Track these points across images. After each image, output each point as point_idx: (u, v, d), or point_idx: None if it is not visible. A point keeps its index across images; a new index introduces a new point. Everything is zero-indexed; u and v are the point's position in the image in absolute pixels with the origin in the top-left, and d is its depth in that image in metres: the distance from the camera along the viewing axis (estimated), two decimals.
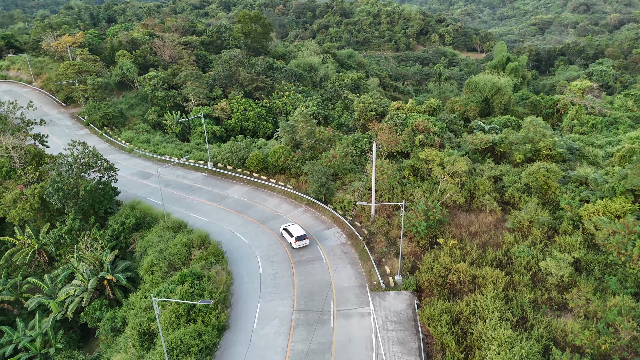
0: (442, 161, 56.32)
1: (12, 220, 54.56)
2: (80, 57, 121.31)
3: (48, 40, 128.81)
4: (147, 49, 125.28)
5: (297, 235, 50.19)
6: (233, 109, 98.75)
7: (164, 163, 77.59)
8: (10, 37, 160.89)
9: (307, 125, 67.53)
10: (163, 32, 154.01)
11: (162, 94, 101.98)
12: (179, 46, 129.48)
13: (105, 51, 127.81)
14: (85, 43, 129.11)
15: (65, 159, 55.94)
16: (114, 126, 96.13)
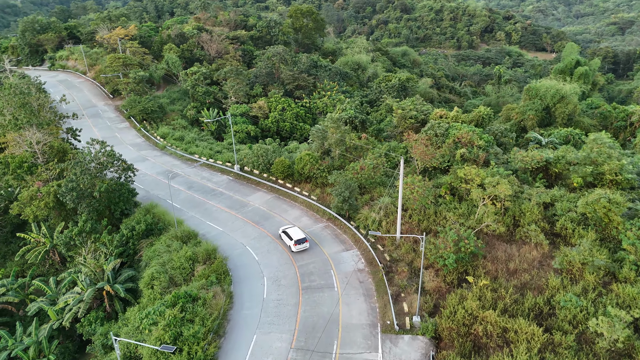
0: (483, 181, 49.29)
1: (26, 218, 53.71)
2: (130, 50, 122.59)
3: (102, 33, 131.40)
4: (194, 43, 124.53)
5: (296, 239, 48.37)
6: (271, 108, 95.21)
7: (193, 163, 75.20)
8: (72, 28, 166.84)
9: (337, 131, 62.33)
10: (214, 26, 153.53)
11: (202, 90, 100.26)
12: (226, 41, 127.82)
13: (155, 44, 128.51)
14: (137, 36, 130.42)
15: (82, 157, 54.35)
16: (152, 121, 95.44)
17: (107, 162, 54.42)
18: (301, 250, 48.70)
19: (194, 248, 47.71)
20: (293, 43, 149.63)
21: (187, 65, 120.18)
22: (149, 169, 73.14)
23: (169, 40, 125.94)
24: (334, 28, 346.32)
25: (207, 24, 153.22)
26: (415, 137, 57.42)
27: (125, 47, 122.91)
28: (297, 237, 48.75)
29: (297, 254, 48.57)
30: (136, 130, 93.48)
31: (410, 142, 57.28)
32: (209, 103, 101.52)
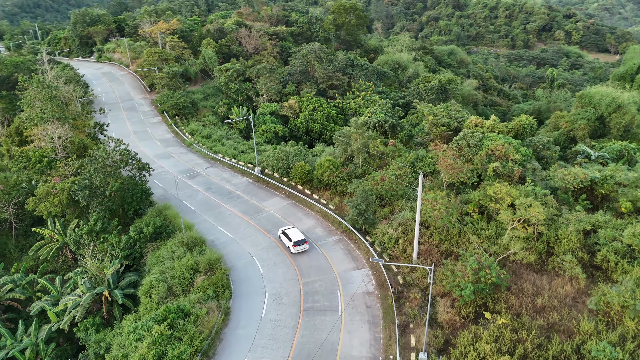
0: (514, 202, 44.26)
1: (40, 214, 53.66)
2: (169, 44, 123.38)
3: (145, 26, 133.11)
4: (232, 39, 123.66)
5: (295, 240, 47.58)
6: (302, 108, 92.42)
7: (216, 163, 73.65)
8: (121, 21, 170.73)
9: (360, 137, 58.60)
10: (256, 21, 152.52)
11: (235, 87, 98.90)
12: (264, 37, 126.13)
13: (194, 39, 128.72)
14: (178, 30, 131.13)
15: (97, 155, 53.65)
16: (183, 116, 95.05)
17: (121, 160, 53.39)
18: (300, 251, 47.81)
19: (198, 256, 45.65)
20: (334, 40, 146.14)
21: (224, 61, 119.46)
22: (172, 167, 72.22)
23: (207, 35, 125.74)
24: (382, 24, 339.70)
25: (249, 19, 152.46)
26: (443, 147, 52.73)
27: (165, 42, 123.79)
28: (297, 238, 47.69)
29: (305, 269, 45.53)
30: (167, 125, 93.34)
31: (437, 153, 52.69)
32: (241, 100, 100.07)
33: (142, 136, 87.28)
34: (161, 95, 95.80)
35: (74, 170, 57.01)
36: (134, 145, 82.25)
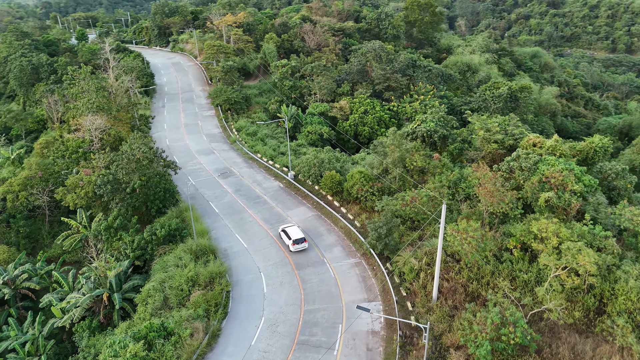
0: (560, 243, 37.04)
1: (66, 205, 54.30)
2: (233, 37, 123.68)
3: (213, 18, 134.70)
4: (295, 34, 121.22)
5: (294, 238, 47.26)
6: (353, 110, 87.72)
7: (253, 163, 71.44)
8: (198, 13, 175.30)
9: (397, 148, 53.09)
10: (324, 16, 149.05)
11: (289, 84, 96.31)
12: (328, 33, 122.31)
13: (258, 33, 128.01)
14: (244, 24, 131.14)
15: (123, 150, 53.17)
16: (235, 112, 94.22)
17: (145, 158, 52.42)
18: (300, 250, 47.39)
19: (200, 268, 43.20)
20: (403, 37, 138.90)
21: (284, 57, 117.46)
22: (209, 164, 71.02)
23: (271, 30, 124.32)
24: (466, 21, 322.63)
25: (317, 13, 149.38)
26: (484, 170, 45.80)
27: (230, 35, 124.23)
28: (296, 236, 47.45)
29: (311, 294, 41.49)
30: (218, 120, 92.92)
31: (477, 175, 45.88)
32: (294, 98, 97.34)
33: (191, 129, 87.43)
34: (215, 89, 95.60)
35: (105, 163, 57.15)
36: (181, 138, 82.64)
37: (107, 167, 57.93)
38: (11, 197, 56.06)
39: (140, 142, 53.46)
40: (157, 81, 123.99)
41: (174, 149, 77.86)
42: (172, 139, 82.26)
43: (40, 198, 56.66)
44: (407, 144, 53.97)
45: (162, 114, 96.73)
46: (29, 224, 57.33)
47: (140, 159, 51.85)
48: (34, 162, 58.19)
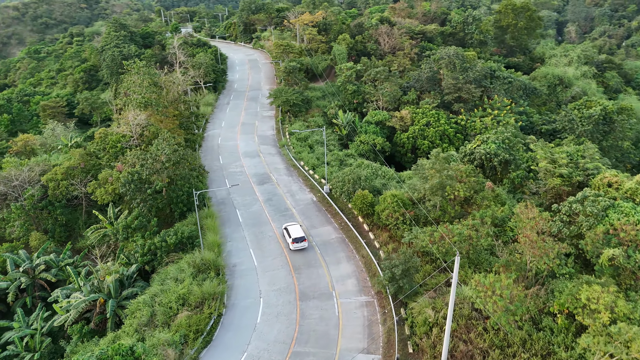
0: (613, 322, 28.74)
1: (95, 199, 54.56)
2: (307, 37, 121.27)
3: (290, 17, 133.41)
4: (369, 36, 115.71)
5: (294, 237, 47.05)
6: (414, 121, 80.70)
7: (293, 170, 67.83)
8: (284, 10, 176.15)
9: (438, 173, 46.25)
10: (408, 17, 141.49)
11: (352, 88, 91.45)
12: (405, 36, 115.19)
13: (332, 33, 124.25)
14: (320, 23, 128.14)
15: (150, 151, 52.12)
16: (293, 114, 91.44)
17: (169, 160, 50.83)
18: (299, 249, 47.03)
19: (196, 285, 40.26)
20: (490, 43, 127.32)
21: (355, 59, 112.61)
22: (250, 168, 68.62)
23: (346, 30, 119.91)
24: (577, 28, 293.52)
25: (400, 14, 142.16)
26: (532, 212, 37.56)
27: (303, 34, 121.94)
28: (296, 235, 47.19)
29: (306, 332, 36.79)
30: (275, 121, 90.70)
31: (524, 217, 37.80)
32: (356, 104, 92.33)
33: (247, 129, 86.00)
34: (276, 90, 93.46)
35: (133, 162, 56.70)
36: (233, 137, 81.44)
37: (142, 164, 57.58)
38: (53, 185, 57.70)
39: (165, 144, 52.02)
40: (230, 77, 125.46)
41: (223, 148, 76.74)
42: (224, 138, 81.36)
43: (78, 189, 57.68)
44: (450, 169, 46.81)
45: (224, 111, 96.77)
46: (66, 213, 58.77)
47: (164, 161, 50.37)
48: (78, 153, 59.59)
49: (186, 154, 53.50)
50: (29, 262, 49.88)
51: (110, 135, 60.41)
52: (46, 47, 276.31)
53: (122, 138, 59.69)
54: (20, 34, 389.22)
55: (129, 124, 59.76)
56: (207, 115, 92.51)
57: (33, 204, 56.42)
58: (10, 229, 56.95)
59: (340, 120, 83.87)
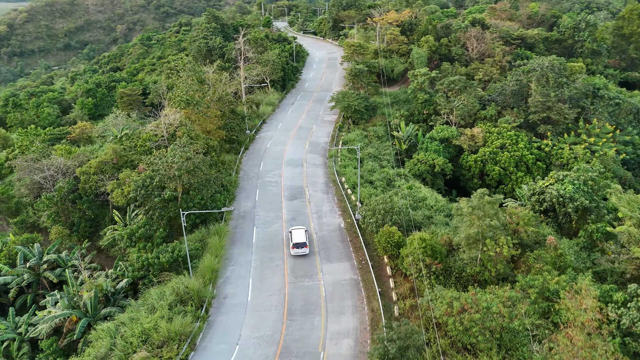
0: None
1: (112, 200, 52.40)
2: (387, 37, 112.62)
3: (374, 15, 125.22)
4: (456, 39, 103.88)
5: (294, 242, 44.86)
6: (487, 141, 69.30)
7: (331, 187, 60.86)
8: (376, 7, 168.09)
9: (478, 220, 36.64)
10: (509, 20, 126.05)
11: (423, 97, 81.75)
12: (498, 41, 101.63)
13: (416, 34, 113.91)
14: (405, 23, 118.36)
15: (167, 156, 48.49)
16: (354, 121, 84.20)
17: (179, 169, 46.67)
18: (299, 254, 44.81)
19: (168, 321, 35.30)
20: (605, 54, 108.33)
21: (437, 64, 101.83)
22: (288, 179, 62.90)
23: (431, 32, 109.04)
24: None
25: (501, 17, 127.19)
26: (589, 300, 26.90)
27: (384, 34, 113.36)
28: (296, 240, 44.87)
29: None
30: (334, 127, 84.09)
31: (572, 306, 27.29)
32: (425, 115, 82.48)
33: (301, 134, 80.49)
34: (339, 93, 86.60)
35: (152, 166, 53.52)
36: (284, 142, 76.37)
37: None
38: (84, 179, 56.93)
39: (179, 151, 47.95)
40: (304, 76, 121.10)
41: (269, 153, 72.01)
42: (275, 142, 76.62)
43: (106, 185, 56.25)
44: (495, 217, 36.84)
45: (285, 112, 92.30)
46: (94, 208, 57.80)
47: (175, 170, 46.37)
48: (111, 148, 58.28)
49: (202, 163, 48.99)
50: (38, 258, 49.02)
51: (143, 133, 58.26)
52: (157, 34, 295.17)
53: (153, 137, 57.17)
54: (144, 21, 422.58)
55: (160, 123, 57.00)
56: (266, 116, 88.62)
57: (62, 196, 55.97)
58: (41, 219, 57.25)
59: (401, 133, 74.91)
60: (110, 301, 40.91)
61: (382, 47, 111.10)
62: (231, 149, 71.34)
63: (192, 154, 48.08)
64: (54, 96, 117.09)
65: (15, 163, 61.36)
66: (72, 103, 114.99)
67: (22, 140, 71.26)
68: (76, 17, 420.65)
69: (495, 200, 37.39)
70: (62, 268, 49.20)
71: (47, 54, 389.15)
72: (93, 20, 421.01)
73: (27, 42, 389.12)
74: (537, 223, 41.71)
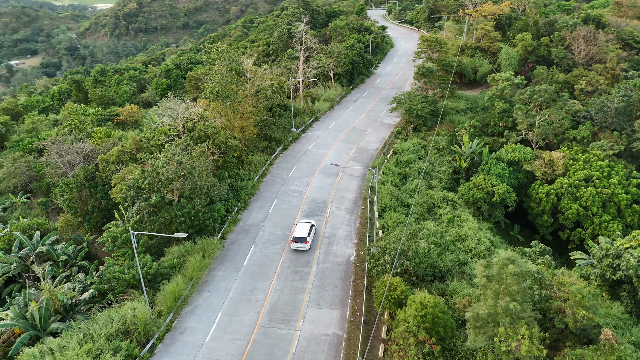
0: None
1: (111, 196, 48.94)
2: (478, 32, 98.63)
3: (468, 6, 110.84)
4: (560, 39, 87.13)
5: (294, 236, 43.08)
6: (569, 171, 55.47)
7: (358, 205, 52.08)
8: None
9: (493, 296, 26.37)
10: (637, 18, 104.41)
11: (501, 107, 68.81)
12: (612, 43, 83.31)
13: (512, 30, 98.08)
14: (503, 16, 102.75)
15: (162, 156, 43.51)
16: (416, 127, 73.79)
17: (169, 172, 41.35)
18: (299, 249, 42.96)
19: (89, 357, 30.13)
20: None
21: (531, 68, 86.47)
22: (313, 191, 55.23)
23: (531, 28, 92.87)
24: None
25: (627, 13, 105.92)
26: None
27: (474, 28, 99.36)
28: (297, 234, 43.13)
29: None
30: (391, 131, 74.38)
31: None
32: (502, 127, 69.48)
33: (352, 137, 72.05)
34: (402, 94, 76.40)
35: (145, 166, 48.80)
36: (329, 144, 68.71)
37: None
38: (102, 167, 54.67)
39: (169, 153, 42.48)
40: (380, 70, 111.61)
41: (307, 156, 64.90)
42: (319, 144, 69.22)
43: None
44: (520, 297, 26.17)
45: (343, 110, 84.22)
46: (109, 198, 55.27)
47: (164, 174, 41.14)
48: (132, 137, 55.18)
49: (200, 168, 43.16)
50: (32, 247, 47.29)
51: (159, 127, 54.21)
52: (259, 17, 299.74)
53: (169, 131, 52.80)
54: (256, 4, 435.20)
55: (176, 116, 52.30)
56: (321, 113, 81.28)
57: (79, 182, 54.18)
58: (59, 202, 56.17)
59: (463, 148, 63.26)
60: (70, 312, 37.20)
61: (469, 44, 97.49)
62: (267, 148, 65.34)
63: (185, 157, 42.56)
64: (135, 74, 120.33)
65: (41, 144, 61.37)
66: (147, 83, 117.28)
67: (73, 119, 71.84)
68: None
69: (524, 272, 26.65)
70: (54, 261, 47.05)
71: (168, 31, 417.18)
72: (211, 2, 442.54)
73: (151, 20, 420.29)
74: (594, 304, 29.86)
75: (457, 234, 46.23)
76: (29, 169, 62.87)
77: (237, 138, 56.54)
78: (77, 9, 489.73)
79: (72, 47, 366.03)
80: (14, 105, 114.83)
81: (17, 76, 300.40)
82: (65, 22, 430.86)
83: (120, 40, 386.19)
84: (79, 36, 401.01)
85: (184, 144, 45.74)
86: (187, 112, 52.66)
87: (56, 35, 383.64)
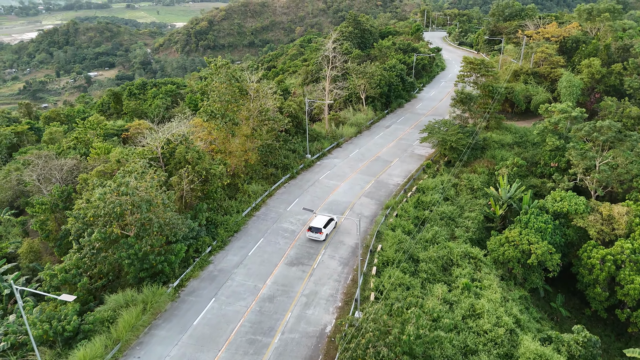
0: None
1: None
2: (537, 55, 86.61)
3: (530, 27, 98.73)
4: (635, 66, 73.50)
5: (310, 225, 43.24)
6: (633, 230, 43.11)
7: (360, 255, 42.81)
8: (557, 18, 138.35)
9: None
10: None
11: (553, 143, 57.14)
12: None
13: (578, 55, 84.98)
14: (569, 39, 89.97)
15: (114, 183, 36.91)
16: (449, 161, 63.53)
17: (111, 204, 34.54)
18: (313, 239, 42.82)
19: None
20: None
21: (598, 99, 73.45)
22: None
23: (600, 54, 79.65)
24: None
25: None
26: None
27: (534, 51, 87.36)
28: (313, 224, 43.30)
29: None
30: (420, 164, 64.56)
31: None
32: (553, 168, 57.70)
33: (373, 168, 63.07)
34: (435, 122, 66.37)
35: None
36: (345, 176, 60.17)
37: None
38: (79, 187, 49.41)
39: (120, 181, 35.63)
40: (423, 94, 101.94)
41: (315, 188, 56.66)
42: (333, 174, 60.81)
43: None
44: None
45: (372, 136, 75.43)
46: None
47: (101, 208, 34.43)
48: (115, 156, 49.51)
49: (152, 201, 36.01)
50: None
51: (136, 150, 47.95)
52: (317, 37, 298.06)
53: (148, 152, 46.40)
54: (321, 24, 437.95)
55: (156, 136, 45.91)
56: (344, 139, 72.95)
57: (53, 202, 49.18)
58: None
59: (500, 191, 52.18)
60: None
61: (525, 68, 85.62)
62: (272, 175, 57.78)
63: (140, 186, 35.71)
64: (171, 89, 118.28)
65: (23, 158, 57.55)
66: (181, 98, 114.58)
67: (80, 132, 68.39)
68: (264, 18, 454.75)
69: None
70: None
71: (234, 49, 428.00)
72: (277, 22, 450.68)
73: (220, 37, 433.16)
74: None
75: (472, 306, 35.80)
76: (20, 183, 59.39)
77: (227, 164, 49.38)
78: (156, 26, 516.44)
79: (145, 61, 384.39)
80: (55, 114, 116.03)
81: (93, 87, 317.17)
82: (143, 38, 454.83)
83: (190, 56, 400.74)
84: (153, 51, 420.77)
85: (140, 171, 38.86)
86: (167, 132, 46.19)
87: (133, 50, 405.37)
